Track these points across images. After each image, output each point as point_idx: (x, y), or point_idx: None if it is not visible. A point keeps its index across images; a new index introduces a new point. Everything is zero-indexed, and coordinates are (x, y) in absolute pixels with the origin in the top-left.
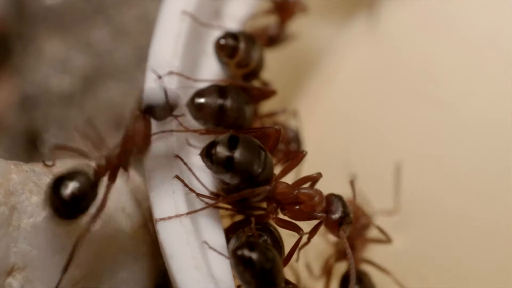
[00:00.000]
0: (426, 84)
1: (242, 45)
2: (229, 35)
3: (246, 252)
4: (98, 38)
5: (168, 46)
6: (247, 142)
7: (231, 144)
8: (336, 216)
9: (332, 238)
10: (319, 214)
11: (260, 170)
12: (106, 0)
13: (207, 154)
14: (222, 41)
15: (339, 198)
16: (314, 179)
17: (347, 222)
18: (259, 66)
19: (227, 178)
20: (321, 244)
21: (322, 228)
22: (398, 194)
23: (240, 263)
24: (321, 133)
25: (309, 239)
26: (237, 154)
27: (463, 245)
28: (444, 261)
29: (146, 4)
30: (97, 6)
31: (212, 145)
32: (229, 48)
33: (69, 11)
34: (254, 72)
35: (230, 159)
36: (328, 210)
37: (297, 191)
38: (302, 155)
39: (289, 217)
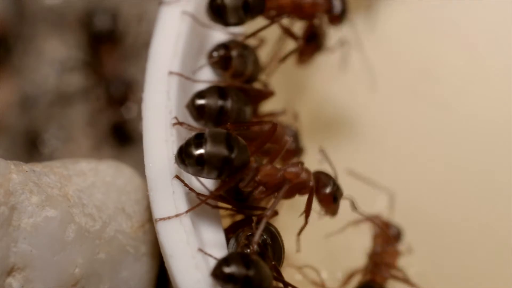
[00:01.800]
0: (426, 84)
1: (234, 53)
2: (220, 46)
3: (226, 269)
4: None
5: (168, 46)
6: (213, 134)
7: (198, 142)
8: (328, 190)
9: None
10: (309, 183)
11: (233, 155)
12: (106, 0)
13: (181, 161)
14: (215, 54)
15: (326, 173)
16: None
17: (340, 194)
18: (256, 71)
19: (206, 174)
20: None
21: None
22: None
23: (223, 282)
24: (321, 133)
25: (306, 219)
26: (205, 148)
27: (464, 246)
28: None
29: (146, 3)
30: (97, 6)
31: (181, 150)
32: (222, 59)
33: (69, 11)
34: (251, 78)
35: (200, 155)
36: (318, 187)
37: (282, 171)
38: (285, 141)
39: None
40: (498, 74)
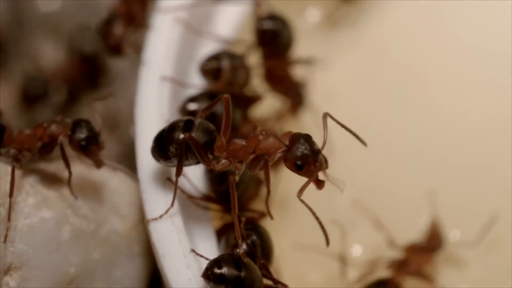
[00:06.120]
0: (412, 86)
1: (225, 64)
2: (211, 57)
3: (218, 271)
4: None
5: (161, 51)
6: (201, 124)
7: (186, 128)
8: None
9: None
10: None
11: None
12: (100, 5)
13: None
14: (206, 65)
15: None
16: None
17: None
18: (246, 79)
19: (190, 160)
20: None
21: None
22: None
23: (214, 283)
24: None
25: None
26: (193, 134)
27: None
28: None
29: None
30: (92, 12)
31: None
32: (213, 70)
33: (64, 17)
34: (242, 85)
35: (183, 140)
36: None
37: (245, 141)
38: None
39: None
40: (482, 75)
